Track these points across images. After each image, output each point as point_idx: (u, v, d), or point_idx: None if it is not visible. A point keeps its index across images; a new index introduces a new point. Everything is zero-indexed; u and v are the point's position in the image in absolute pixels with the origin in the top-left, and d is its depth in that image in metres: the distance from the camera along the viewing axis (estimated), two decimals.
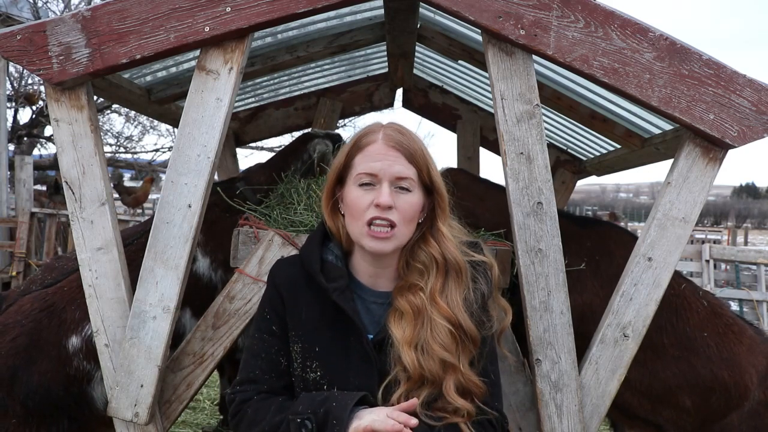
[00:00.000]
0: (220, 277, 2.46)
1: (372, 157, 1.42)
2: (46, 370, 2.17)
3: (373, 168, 1.41)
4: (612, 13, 1.73)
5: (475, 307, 1.46)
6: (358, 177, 1.42)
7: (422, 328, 1.41)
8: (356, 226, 1.43)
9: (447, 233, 1.48)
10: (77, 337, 2.21)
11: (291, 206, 2.44)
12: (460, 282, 1.46)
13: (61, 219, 7.01)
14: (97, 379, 2.21)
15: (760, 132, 1.75)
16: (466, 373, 1.41)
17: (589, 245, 2.43)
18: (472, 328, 1.43)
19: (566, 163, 3.95)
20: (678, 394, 2.28)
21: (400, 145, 1.43)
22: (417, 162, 1.43)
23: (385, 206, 1.39)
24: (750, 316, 6.52)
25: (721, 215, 65.89)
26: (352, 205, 1.43)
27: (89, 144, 1.89)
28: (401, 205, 1.41)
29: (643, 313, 1.85)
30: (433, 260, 1.46)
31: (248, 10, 1.76)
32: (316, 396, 1.42)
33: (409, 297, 1.44)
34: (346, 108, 4.03)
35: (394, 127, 1.47)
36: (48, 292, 2.34)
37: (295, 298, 1.50)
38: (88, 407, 2.23)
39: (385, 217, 1.40)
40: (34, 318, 2.23)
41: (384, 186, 1.41)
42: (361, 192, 1.42)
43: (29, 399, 2.14)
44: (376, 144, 1.43)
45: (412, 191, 1.43)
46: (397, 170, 1.41)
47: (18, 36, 1.79)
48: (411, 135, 1.46)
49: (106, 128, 12.56)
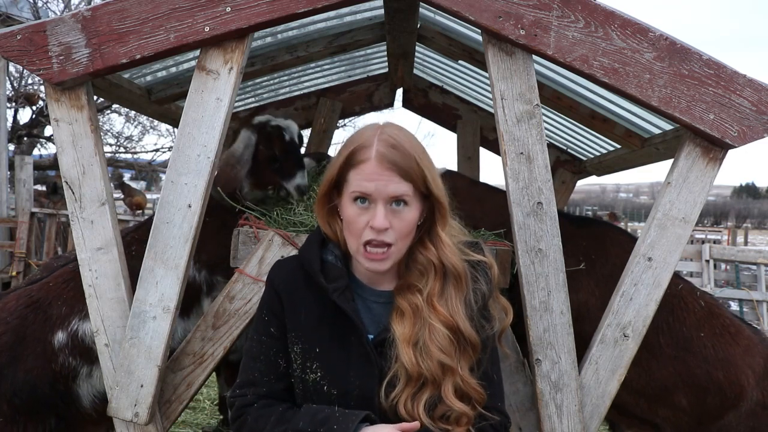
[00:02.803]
0: (204, 277, 2.45)
1: (365, 176, 1.37)
2: (31, 367, 2.15)
3: (367, 188, 1.37)
4: (612, 13, 1.73)
5: (476, 309, 1.46)
6: (353, 194, 1.39)
7: (421, 328, 1.41)
8: (353, 242, 1.42)
9: (446, 239, 1.45)
10: (63, 333, 2.19)
11: (291, 207, 2.44)
12: (460, 287, 1.45)
13: (61, 219, 7.01)
14: (83, 376, 2.20)
15: (760, 132, 1.75)
16: (465, 377, 1.41)
17: (584, 245, 2.43)
18: (471, 334, 1.42)
19: (566, 163, 3.95)
20: (674, 394, 2.28)
21: (393, 164, 1.36)
22: (412, 177, 1.38)
23: (380, 229, 1.37)
24: (750, 316, 6.52)
25: (721, 215, 65.87)
26: (348, 222, 1.41)
27: (89, 144, 1.89)
28: (397, 223, 1.38)
29: (643, 313, 1.85)
30: (432, 264, 1.45)
31: (248, 10, 1.76)
32: (318, 413, 1.40)
33: (409, 296, 1.44)
34: (346, 108, 4.03)
35: (388, 141, 1.38)
36: (33, 288, 2.32)
37: (295, 299, 1.50)
38: (75, 405, 2.22)
39: (380, 240, 1.38)
40: (19, 315, 2.21)
41: (379, 208, 1.37)
42: (356, 210, 1.39)
43: (16, 397, 2.12)
44: (369, 163, 1.36)
45: (410, 204, 1.40)
46: (392, 189, 1.37)
47: (18, 36, 1.79)
48: (405, 147, 1.39)
49: (106, 128, 12.55)
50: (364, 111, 4.19)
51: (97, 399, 2.23)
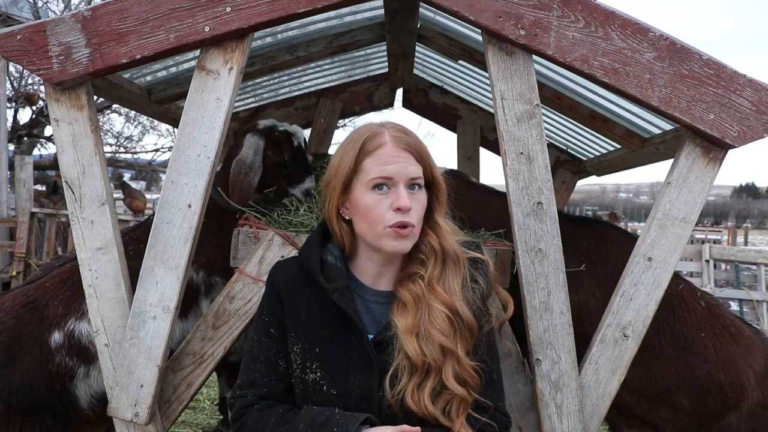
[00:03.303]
0: (202, 278, 2.44)
1: (385, 160, 1.41)
2: (28, 367, 2.14)
3: (388, 171, 1.41)
4: (612, 13, 1.73)
5: (474, 303, 1.47)
6: (372, 181, 1.42)
7: (422, 315, 1.43)
8: (374, 229, 1.42)
9: (444, 225, 1.50)
10: (59, 333, 2.18)
11: (291, 207, 2.44)
12: (458, 271, 1.48)
13: (61, 219, 7.01)
14: (80, 376, 2.18)
15: (760, 132, 1.75)
16: (463, 360, 1.42)
17: (585, 244, 2.43)
18: (468, 316, 1.44)
19: (566, 163, 3.95)
20: (675, 395, 2.28)
21: (409, 146, 1.44)
22: (424, 160, 1.45)
23: (406, 209, 1.40)
24: (750, 316, 6.52)
25: (721, 215, 65.88)
26: (367, 210, 1.42)
27: (89, 144, 1.89)
28: (416, 205, 1.43)
29: (644, 313, 1.85)
30: (432, 250, 1.48)
31: (248, 10, 1.76)
32: (318, 415, 1.41)
33: (410, 285, 1.46)
34: (346, 108, 4.03)
35: (397, 127, 1.47)
36: (30, 288, 2.31)
37: (295, 300, 1.50)
38: (72, 406, 2.20)
39: (407, 221, 1.41)
40: (15, 314, 2.19)
41: (401, 188, 1.41)
42: (376, 197, 1.41)
43: (12, 397, 2.11)
44: (387, 147, 1.42)
45: (422, 188, 1.46)
46: (411, 171, 1.42)
47: (18, 36, 1.79)
48: (413, 133, 1.48)
49: (106, 128, 12.55)
50: (364, 111, 4.19)
51: (94, 400, 2.22)
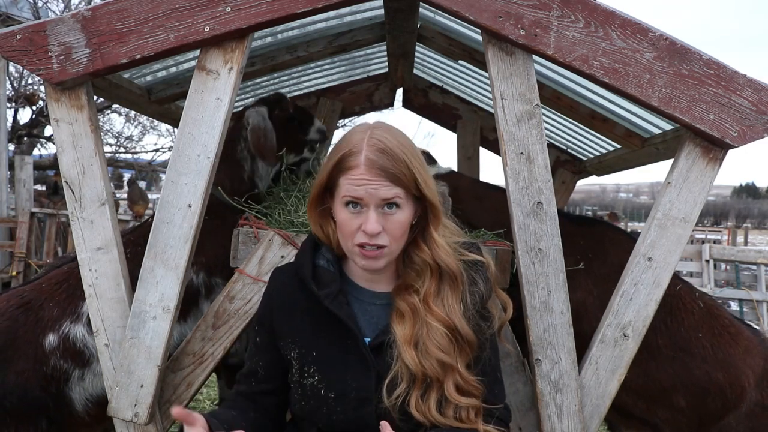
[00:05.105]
0: (202, 280, 2.44)
1: (356, 182, 1.36)
2: (22, 369, 2.12)
3: (357, 193, 1.36)
4: (612, 13, 1.73)
5: (474, 311, 1.46)
6: (344, 198, 1.39)
7: (420, 328, 1.42)
8: (347, 244, 1.42)
9: (439, 240, 1.45)
10: (54, 335, 2.16)
11: (291, 208, 2.44)
12: (456, 287, 1.45)
13: (61, 219, 7.01)
14: (75, 379, 2.17)
15: (760, 132, 1.75)
16: (463, 374, 1.42)
17: (582, 244, 2.43)
18: (468, 332, 1.43)
19: (566, 163, 3.95)
20: (673, 395, 2.28)
21: (383, 170, 1.35)
22: (402, 181, 1.37)
23: (372, 234, 1.36)
24: (750, 316, 6.52)
25: (721, 215, 65.86)
26: (341, 225, 1.42)
27: (89, 144, 1.89)
28: (389, 226, 1.38)
29: (643, 313, 1.85)
30: (427, 265, 1.45)
31: (248, 10, 1.76)
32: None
33: (406, 297, 1.45)
34: (346, 108, 4.02)
35: (377, 146, 1.36)
36: (25, 289, 2.29)
37: (291, 306, 1.51)
38: (67, 408, 2.18)
39: (374, 243, 1.38)
40: (10, 316, 2.17)
41: (371, 212, 1.36)
42: (348, 214, 1.39)
43: (6, 399, 2.09)
44: (359, 169, 1.35)
45: (402, 207, 1.39)
46: (383, 193, 1.35)
47: (18, 36, 1.79)
48: (395, 152, 1.37)
49: (106, 128, 12.57)
50: (364, 111, 4.19)
51: (89, 402, 2.20)
